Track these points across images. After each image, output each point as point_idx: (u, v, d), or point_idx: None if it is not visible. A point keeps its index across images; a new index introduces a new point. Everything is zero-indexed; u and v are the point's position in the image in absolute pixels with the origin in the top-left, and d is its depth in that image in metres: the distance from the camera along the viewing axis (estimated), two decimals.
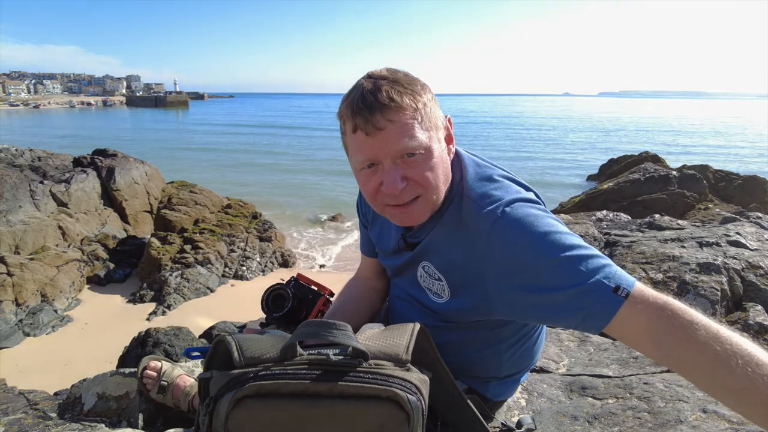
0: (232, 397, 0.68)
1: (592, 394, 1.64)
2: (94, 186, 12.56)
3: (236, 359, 0.72)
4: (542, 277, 0.87)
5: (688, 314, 0.78)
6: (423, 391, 0.73)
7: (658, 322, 0.79)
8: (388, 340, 0.79)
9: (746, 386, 0.70)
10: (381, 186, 0.96)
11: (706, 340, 0.75)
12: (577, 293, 0.84)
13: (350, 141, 0.97)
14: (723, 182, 12.99)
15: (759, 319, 2.57)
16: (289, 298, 1.09)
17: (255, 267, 10.89)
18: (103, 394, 1.71)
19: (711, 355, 0.73)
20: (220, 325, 4.83)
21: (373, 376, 0.70)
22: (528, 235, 0.89)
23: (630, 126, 64.47)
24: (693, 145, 37.83)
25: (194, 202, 12.86)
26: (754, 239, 3.32)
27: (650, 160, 16.42)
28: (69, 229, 10.83)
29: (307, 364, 0.71)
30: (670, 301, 0.81)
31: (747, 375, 0.71)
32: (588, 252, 0.86)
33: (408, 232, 1.14)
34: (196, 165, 25.54)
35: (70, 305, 9.10)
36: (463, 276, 1.02)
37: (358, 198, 1.33)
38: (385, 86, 0.92)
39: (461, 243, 1.00)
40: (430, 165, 0.95)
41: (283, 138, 43.72)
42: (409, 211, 0.99)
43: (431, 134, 0.95)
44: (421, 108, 0.94)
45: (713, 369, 0.73)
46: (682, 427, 1.37)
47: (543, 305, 0.88)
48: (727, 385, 0.72)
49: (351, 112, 0.94)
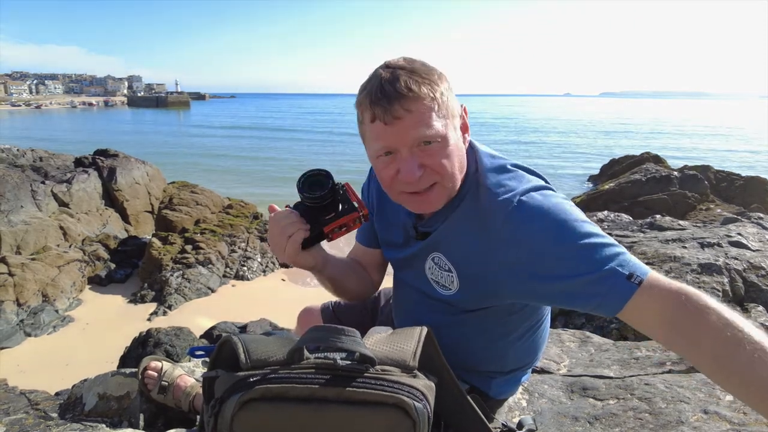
0: (238, 400, 0.67)
1: (593, 395, 1.64)
2: (96, 186, 12.58)
3: (243, 361, 0.72)
4: (557, 265, 0.89)
5: (702, 300, 0.79)
6: (429, 397, 0.73)
7: (671, 307, 0.80)
8: (395, 346, 0.79)
9: (749, 374, 0.71)
10: (398, 174, 0.98)
11: (718, 325, 0.75)
12: (592, 280, 0.86)
13: (368, 130, 0.99)
14: (724, 183, 12.98)
15: (761, 320, 2.56)
16: (327, 186, 1.04)
17: (256, 267, 10.89)
18: (104, 395, 1.72)
19: (720, 340, 0.74)
20: (221, 325, 4.84)
21: (380, 382, 0.70)
22: (544, 224, 0.91)
23: (631, 126, 64.40)
24: (694, 148, 37.75)
25: (195, 202, 12.87)
26: (756, 240, 3.32)
27: (651, 160, 16.40)
28: (70, 230, 10.85)
29: (315, 368, 0.70)
30: (684, 287, 0.81)
31: (753, 362, 0.71)
32: (602, 240, 0.88)
33: (420, 222, 1.15)
34: (192, 171, 25.25)
35: (71, 305, 9.11)
36: (475, 265, 1.04)
37: (364, 185, 1.36)
38: (404, 76, 0.94)
39: (476, 232, 1.01)
40: (446, 153, 0.97)
41: (282, 142, 42.91)
42: (425, 198, 1.01)
43: (447, 122, 0.97)
44: (438, 97, 0.95)
45: (720, 354, 0.74)
46: (683, 428, 1.37)
47: (559, 292, 0.91)
48: (732, 371, 0.73)
49: (370, 102, 0.95)
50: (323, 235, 1.09)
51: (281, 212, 1.09)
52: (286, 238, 1.05)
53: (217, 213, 12.87)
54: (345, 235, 1.11)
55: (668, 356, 1.91)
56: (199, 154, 31.69)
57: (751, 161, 28.60)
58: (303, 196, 1.06)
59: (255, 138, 45.64)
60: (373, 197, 1.30)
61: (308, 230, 1.06)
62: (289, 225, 1.05)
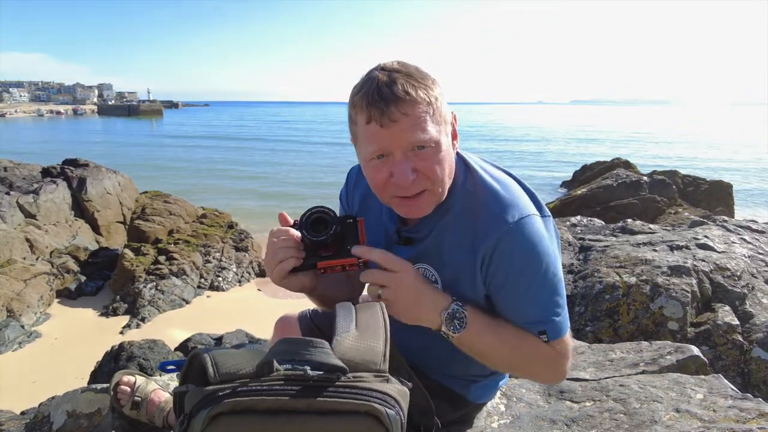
0: (207, 414, 0.66)
1: (569, 398, 1.66)
2: (65, 197, 12.22)
3: (211, 375, 0.71)
4: (517, 298, 1.03)
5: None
6: (402, 403, 0.73)
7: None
8: (363, 345, 0.78)
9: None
10: (390, 177, 0.98)
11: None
12: (528, 321, 1.04)
13: (362, 131, 0.99)
14: (691, 187, 13.39)
15: (727, 320, 2.65)
16: (333, 222, 0.99)
17: (231, 278, 10.73)
18: (74, 412, 1.66)
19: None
20: (197, 337, 4.73)
21: (351, 390, 0.69)
22: (526, 263, 1.00)
23: (602, 134, 65.96)
24: (661, 154, 38.87)
25: (168, 212, 12.62)
26: (721, 242, 3.43)
27: (622, 166, 16.82)
28: (37, 242, 10.50)
29: (284, 379, 0.69)
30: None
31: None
32: (556, 299, 1.04)
33: (404, 227, 1.15)
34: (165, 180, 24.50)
35: (39, 320, 8.80)
36: (462, 280, 1.06)
37: (344, 188, 1.35)
38: (401, 79, 0.95)
39: (468, 249, 1.04)
40: (438, 158, 0.98)
41: (257, 152, 41.62)
42: (414, 204, 1.02)
43: (441, 128, 0.98)
44: (434, 102, 0.97)
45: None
46: (657, 427, 1.40)
47: (501, 308, 1.06)
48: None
49: (366, 103, 0.95)
50: (314, 267, 1.04)
51: (281, 231, 1.04)
52: (276, 261, 1.02)
53: (191, 223, 12.65)
54: (338, 272, 1.05)
55: (641, 357, 1.95)
56: (168, 167, 30.68)
57: (714, 166, 29.62)
58: (303, 233, 1.01)
59: (225, 149, 44.54)
60: (355, 202, 1.29)
61: (300, 260, 1.02)
62: (282, 250, 1.02)
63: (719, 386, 1.66)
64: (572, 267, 3.45)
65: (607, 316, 2.82)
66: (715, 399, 1.56)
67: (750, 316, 2.70)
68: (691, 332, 2.64)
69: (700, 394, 1.59)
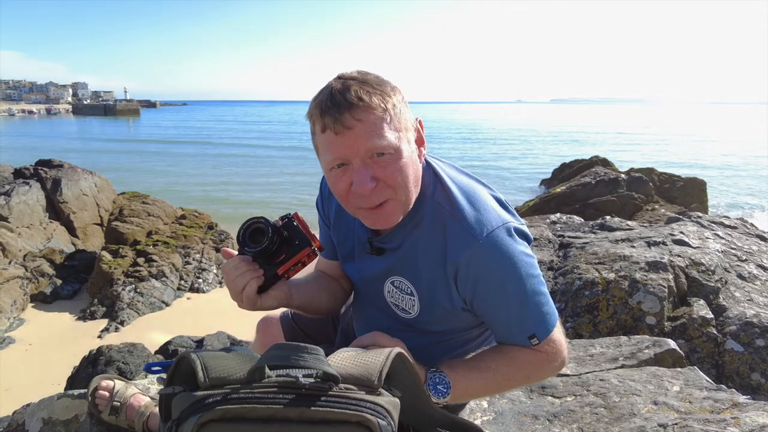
0: (196, 421, 0.64)
1: (551, 393, 1.69)
2: (38, 198, 11.89)
3: (201, 379, 0.69)
4: (501, 314, 1.04)
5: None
6: (393, 414, 0.72)
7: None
8: (360, 364, 0.78)
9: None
10: (351, 186, 0.96)
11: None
12: (512, 333, 1.04)
13: (320, 141, 0.97)
14: (667, 184, 13.68)
15: (702, 313, 2.71)
16: (268, 227, 0.98)
17: (212, 279, 10.59)
18: (50, 419, 1.62)
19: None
20: (177, 339, 4.67)
21: (343, 400, 0.68)
22: (500, 273, 0.99)
23: (581, 133, 66.86)
24: (639, 151, 39.55)
25: (147, 213, 12.40)
26: (696, 238, 3.51)
27: (600, 163, 17.09)
28: (9, 245, 10.20)
29: (276, 387, 0.68)
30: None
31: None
32: (538, 299, 1.02)
33: (375, 237, 1.14)
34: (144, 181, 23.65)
35: (12, 326, 8.56)
36: (437, 292, 1.05)
37: (318, 197, 1.33)
38: (354, 86, 0.93)
39: (440, 261, 1.03)
40: (399, 165, 0.96)
41: (235, 158, 39.59)
42: (380, 213, 1.00)
43: (401, 135, 0.96)
44: (390, 108, 0.95)
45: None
46: (636, 420, 1.42)
47: (486, 322, 1.09)
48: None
49: (320, 112, 0.94)
50: (278, 276, 1.04)
51: (230, 262, 1.03)
52: (240, 290, 1.00)
53: (170, 224, 12.44)
54: (301, 270, 1.07)
55: (620, 352, 1.99)
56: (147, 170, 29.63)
57: (690, 162, 30.33)
58: (246, 250, 1.01)
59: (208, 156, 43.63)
60: (331, 210, 1.28)
61: (261, 277, 1.01)
62: (240, 276, 1.00)
63: (695, 378, 1.70)
64: (552, 264, 3.49)
65: (586, 311, 2.87)
66: (691, 391, 1.60)
67: (723, 310, 2.78)
68: (668, 326, 2.71)
69: (676, 387, 1.63)
